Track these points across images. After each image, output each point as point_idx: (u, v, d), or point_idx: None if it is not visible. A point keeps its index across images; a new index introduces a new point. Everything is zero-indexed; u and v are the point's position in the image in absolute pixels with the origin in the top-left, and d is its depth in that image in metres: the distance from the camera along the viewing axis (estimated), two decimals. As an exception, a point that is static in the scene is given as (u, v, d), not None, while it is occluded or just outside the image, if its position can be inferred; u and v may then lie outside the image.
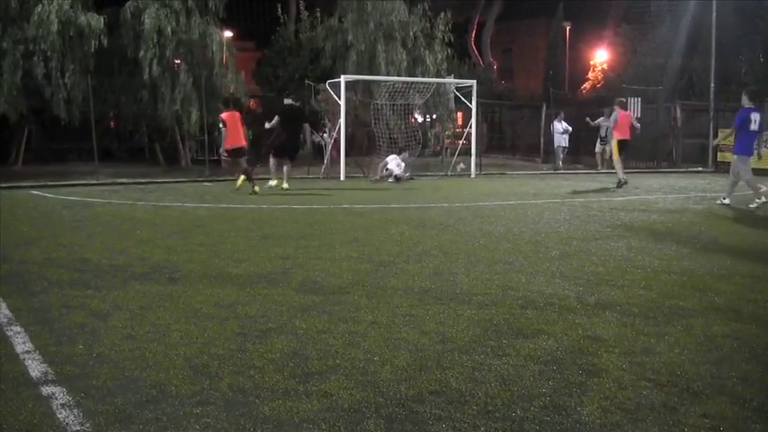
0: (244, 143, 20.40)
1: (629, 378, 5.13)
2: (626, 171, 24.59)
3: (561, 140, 32.04)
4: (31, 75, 24.77)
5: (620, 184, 21.99)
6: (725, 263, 9.50)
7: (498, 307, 7.09)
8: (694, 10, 37.05)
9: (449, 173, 27.90)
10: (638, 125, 24.88)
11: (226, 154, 20.53)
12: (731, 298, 7.55)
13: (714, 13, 33.89)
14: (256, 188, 19.17)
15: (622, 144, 22.97)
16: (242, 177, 20.04)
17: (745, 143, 16.96)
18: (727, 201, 17.07)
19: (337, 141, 25.82)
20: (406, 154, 26.04)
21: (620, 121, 22.76)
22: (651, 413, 4.54)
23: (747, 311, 6.99)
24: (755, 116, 16.74)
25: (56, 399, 4.72)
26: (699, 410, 4.58)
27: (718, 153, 32.29)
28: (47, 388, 4.91)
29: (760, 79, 36.01)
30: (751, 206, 16.44)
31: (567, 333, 6.20)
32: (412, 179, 25.06)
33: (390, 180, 24.00)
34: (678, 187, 22.80)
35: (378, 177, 24.29)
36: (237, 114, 20.50)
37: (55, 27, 24.26)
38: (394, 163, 24.58)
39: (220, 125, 20.18)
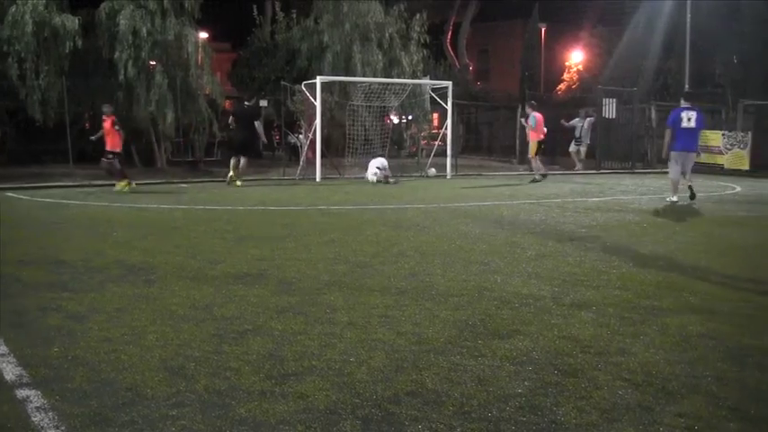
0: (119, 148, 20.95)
1: (604, 378, 5.16)
2: (601, 171, 24.70)
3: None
4: (5, 76, 24.59)
5: (535, 181, 23.70)
6: (700, 263, 9.56)
7: (474, 308, 7.11)
8: (669, 12, 37.20)
9: (423, 174, 27.90)
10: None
11: (111, 157, 20.80)
12: (706, 298, 7.60)
13: (689, 15, 34.04)
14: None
15: (541, 144, 24.39)
16: (126, 181, 20.47)
17: (678, 141, 17.62)
18: (674, 198, 17.69)
19: (313, 142, 25.78)
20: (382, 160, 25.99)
21: (538, 123, 23.92)
22: (627, 413, 4.57)
23: (722, 311, 7.04)
24: (689, 114, 17.47)
25: (31, 402, 4.70)
26: (674, 410, 4.61)
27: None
28: (22, 391, 4.89)
29: (735, 81, 36.20)
30: (666, 200, 17.65)
31: (543, 333, 6.22)
32: (396, 182, 25.10)
33: (379, 180, 24.19)
34: (653, 188, 22.88)
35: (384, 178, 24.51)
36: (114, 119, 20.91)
37: (29, 28, 24.09)
38: (372, 169, 24.65)
39: (117, 128, 20.68)
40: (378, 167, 24.42)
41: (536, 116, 24.02)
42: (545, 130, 24.83)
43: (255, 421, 4.42)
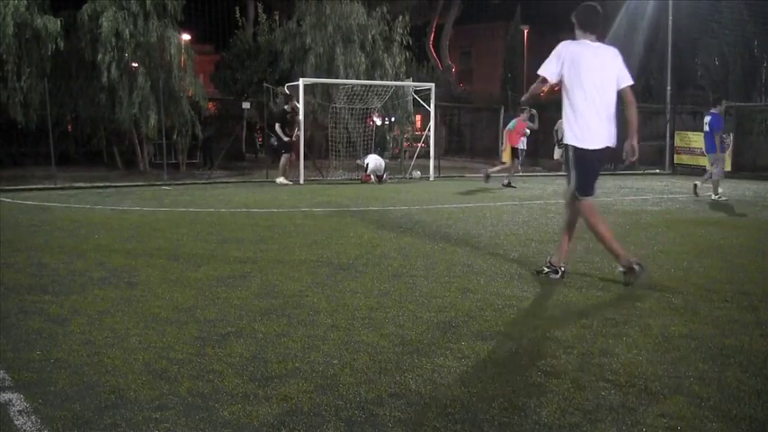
0: None
1: (587, 379, 5.17)
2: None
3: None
4: (-14, 78, 24.53)
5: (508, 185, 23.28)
6: (682, 264, 9.60)
7: (457, 309, 7.12)
8: (651, 13, 37.33)
9: (407, 176, 27.93)
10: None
11: None
12: (688, 298, 7.63)
13: (670, 17, 34.18)
14: None
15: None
16: None
17: (706, 144, 19.55)
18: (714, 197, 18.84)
19: (296, 145, 25.77)
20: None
21: (518, 128, 23.68)
22: (610, 413, 4.58)
23: (704, 312, 7.07)
24: (706, 119, 19.28)
25: (13, 405, 4.68)
26: (656, 410, 4.63)
27: (675, 155, 32.62)
28: (4, 395, 4.87)
29: (716, 82, 36.38)
30: (713, 198, 18.55)
31: (526, 334, 6.23)
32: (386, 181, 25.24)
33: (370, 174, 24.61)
34: (636, 189, 23.00)
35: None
36: None
37: (11, 30, 23.94)
38: (373, 164, 25.10)
39: None
40: (375, 164, 24.92)
41: (519, 121, 23.80)
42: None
43: (239, 424, 4.41)
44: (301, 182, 24.71)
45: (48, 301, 7.43)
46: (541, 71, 8.62)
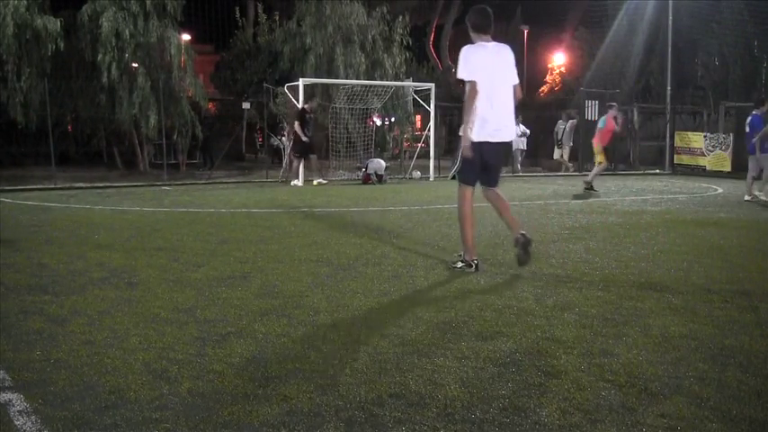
0: None
1: (587, 379, 5.17)
2: (583, 173, 24.72)
3: (519, 143, 32.13)
4: (-14, 78, 24.56)
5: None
6: (681, 264, 9.59)
7: (457, 309, 7.11)
8: (651, 14, 37.34)
9: (407, 176, 27.94)
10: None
11: None
12: (688, 299, 7.62)
13: (670, 17, 34.19)
14: None
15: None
16: None
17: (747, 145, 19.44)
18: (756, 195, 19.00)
19: (296, 144, 25.80)
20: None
21: (609, 126, 22.01)
22: (610, 414, 4.58)
23: (704, 312, 7.07)
24: (748, 119, 19.29)
25: (13, 405, 4.68)
26: (657, 410, 4.63)
27: (675, 156, 32.63)
28: (4, 395, 4.86)
29: (716, 82, 36.38)
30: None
31: (526, 335, 6.23)
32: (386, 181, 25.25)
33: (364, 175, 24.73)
34: (636, 189, 22.97)
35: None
36: None
37: (11, 30, 23.98)
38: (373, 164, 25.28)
39: None
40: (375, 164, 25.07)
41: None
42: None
43: (239, 424, 4.41)
44: (301, 182, 24.70)
45: (48, 302, 7.42)
46: (464, 76, 9.00)
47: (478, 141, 9.01)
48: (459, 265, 9.24)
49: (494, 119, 8.99)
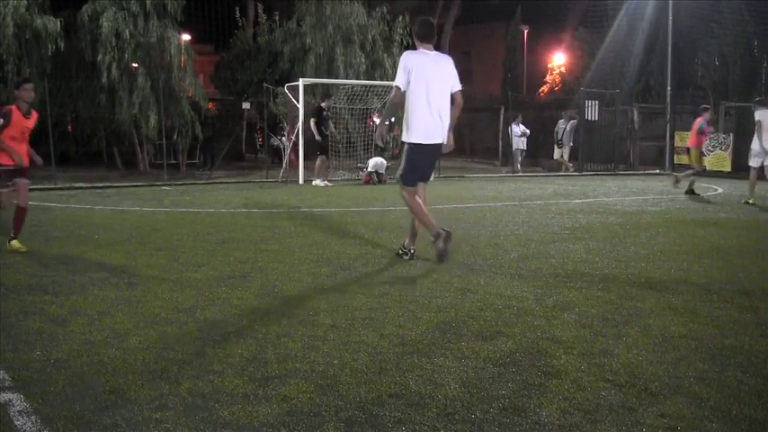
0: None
1: (587, 379, 5.17)
2: (583, 174, 24.70)
3: (519, 143, 32.16)
4: (-14, 78, 24.55)
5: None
6: (681, 264, 9.60)
7: (457, 309, 7.12)
8: (651, 14, 37.36)
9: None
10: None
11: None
12: (688, 299, 7.63)
13: (670, 17, 34.19)
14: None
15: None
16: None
17: None
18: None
19: (296, 145, 25.79)
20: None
21: (706, 129, 21.42)
22: (610, 414, 4.58)
23: (704, 312, 7.07)
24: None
25: (13, 405, 4.68)
26: (656, 410, 4.63)
27: (675, 156, 32.63)
28: (4, 395, 4.87)
29: (716, 83, 36.37)
30: None
31: (526, 335, 6.23)
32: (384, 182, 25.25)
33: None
34: (635, 189, 22.98)
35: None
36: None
37: (11, 30, 23.97)
38: (373, 162, 25.24)
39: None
40: (375, 163, 25.02)
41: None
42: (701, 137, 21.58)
43: (239, 424, 4.41)
44: (301, 182, 24.70)
45: (48, 302, 7.42)
46: (396, 83, 9.75)
47: (416, 143, 9.81)
48: (401, 252, 10.15)
49: (430, 122, 9.74)
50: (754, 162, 18.75)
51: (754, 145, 18.75)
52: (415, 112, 9.70)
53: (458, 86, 9.90)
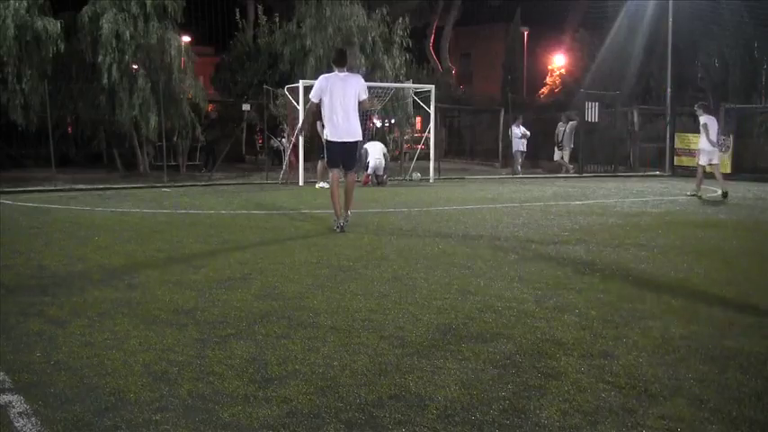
0: None
1: (587, 381, 5.17)
2: (583, 175, 24.67)
3: (519, 145, 32.19)
4: (-14, 80, 24.53)
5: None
6: (681, 266, 9.60)
7: (457, 311, 7.11)
8: (651, 15, 37.37)
9: (407, 178, 27.95)
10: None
11: None
12: (688, 300, 7.63)
13: (671, 19, 34.21)
14: None
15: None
16: None
17: None
18: None
19: (296, 146, 25.80)
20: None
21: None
22: (610, 415, 4.57)
23: (704, 314, 7.07)
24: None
25: (13, 407, 4.67)
26: (657, 412, 4.62)
27: (675, 157, 32.65)
28: (4, 396, 4.86)
29: (716, 84, 36.41)
30: None
31: (526, 336, 6.23)
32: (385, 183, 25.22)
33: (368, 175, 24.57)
34: (636, 191, 22.99)
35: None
36: None
37: (11, 32, 23.95)
38: (373, 162, 24.93)
39: None
40: (375, 163, 24.84)
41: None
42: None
43: (239, 426, 4.41)
44: (301, 183, 24.70)
45: (48, 303, 7.42)
46: (310, 96, 13.46)
47: (330, 140, 13.10)
48: (336, 227, 12.83)
49: (338, 126, 12.91)
50: (703, 160, 20.61)
51: (703, 145, 20.43)
52: (328, 119, 12.97)
53: (363, 96, 13.06)
